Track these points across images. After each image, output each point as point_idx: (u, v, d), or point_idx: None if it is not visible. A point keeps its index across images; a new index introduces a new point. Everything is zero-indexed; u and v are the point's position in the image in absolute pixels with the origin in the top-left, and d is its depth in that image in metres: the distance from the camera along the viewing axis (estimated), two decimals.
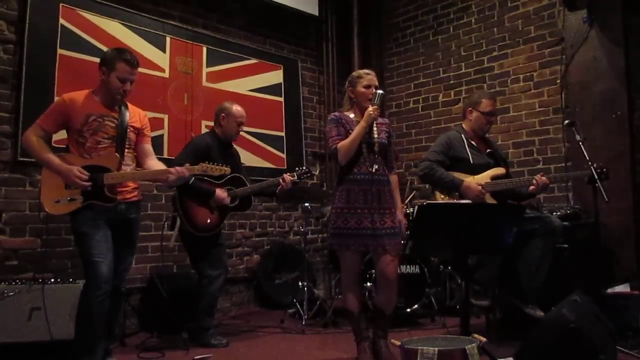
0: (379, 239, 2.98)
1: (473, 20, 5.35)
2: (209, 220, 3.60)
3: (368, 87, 3.13)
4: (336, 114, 3.19)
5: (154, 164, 3.08)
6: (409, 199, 4.90)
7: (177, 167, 2.95)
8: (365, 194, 3.02)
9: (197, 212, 3.58)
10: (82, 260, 2.82)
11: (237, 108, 3.77)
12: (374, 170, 3.04)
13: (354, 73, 3.26)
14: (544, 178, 3.41)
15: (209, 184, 3.58)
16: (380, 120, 3.17)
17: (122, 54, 2.91)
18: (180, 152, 3.76)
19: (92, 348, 2.77)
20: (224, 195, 3.62)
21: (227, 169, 3.17)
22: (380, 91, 3.07)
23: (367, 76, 3.17)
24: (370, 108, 3.02)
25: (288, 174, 3.76)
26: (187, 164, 3.05)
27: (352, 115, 3.16)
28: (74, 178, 2.75)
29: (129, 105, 3.06)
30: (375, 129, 3.10)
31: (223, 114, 3.74)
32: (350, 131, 3.06)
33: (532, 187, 3.43)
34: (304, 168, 3.90)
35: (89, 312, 2.76)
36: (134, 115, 3.06)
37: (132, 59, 2.92)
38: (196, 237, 3.59)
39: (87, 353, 2.76)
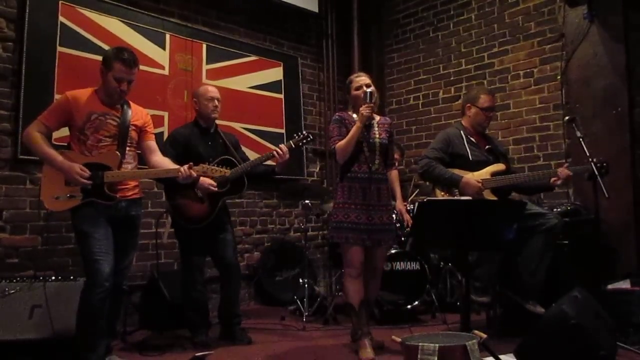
0: (377, 234, 3.13)
1: (473, 17, 5.34)
2: (197, 210, 3.46)
3: (359, 88, 3.23)
4: (340, 114, 3.31)
5: (160, 160, 3.09)
6: (411, 197, 4.90)
7: (183, 168, 2.91)
8: (365, 191, 3.15)
9: (185, 204, 3.47)
10: (82, 258, 2.83)
11: (204, 87, 3.70)
12: (373, 169, 3.16)
13: (349, 77, 3.39)
14: (567, 171, 3.36)
15: None
16: (382, 120, 3.32)
17: (119, 54, 2.90)
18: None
19: (94, 345, 2.79)
20: (209, 181, 3.42)
21: (227, 171, 3.06)
22: (369, 90, 3.15)
23: (357, 79, 3.29)
24: (362, 107, 3.11)
25: (284, 144, 3.58)
26: (191, 164, 2.96)
27: (355, 116, 3.26)
28: (75, 175, 2.76)
29: (132, 104, 3.06)
30: (376, 129, 3.23)
31: (195, 99, 3.65)
32: None
33: (554, 179, 3.37)
34: (302, 134, 3.67)
35: (90, 309, 2.77)
36: (136, 113, 3.06)
37: (129, 59, 2.89)
38: (189, 231, 3.49)
39: (88, 350, 2.77)
